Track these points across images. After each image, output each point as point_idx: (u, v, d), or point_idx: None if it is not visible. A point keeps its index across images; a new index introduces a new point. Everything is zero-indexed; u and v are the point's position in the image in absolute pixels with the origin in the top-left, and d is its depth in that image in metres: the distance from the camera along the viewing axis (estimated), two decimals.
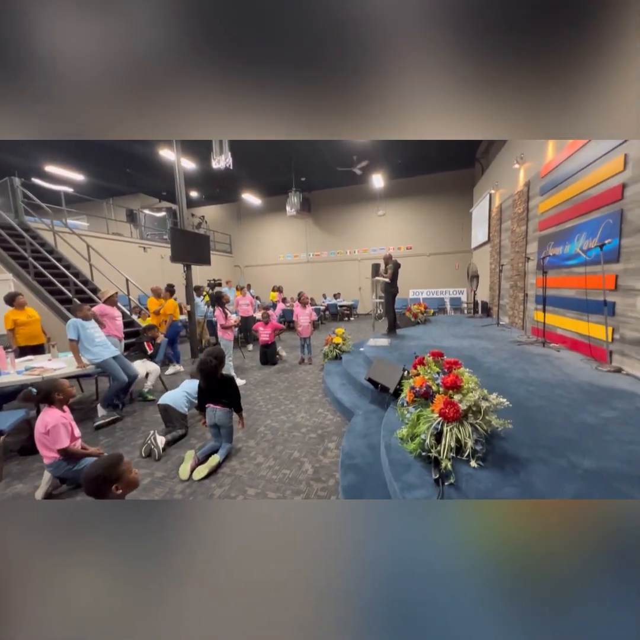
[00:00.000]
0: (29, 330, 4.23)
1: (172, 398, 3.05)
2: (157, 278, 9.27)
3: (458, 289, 11.63)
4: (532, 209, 5.27)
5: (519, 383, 2.89)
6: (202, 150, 8.33)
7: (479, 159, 10.08)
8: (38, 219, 6.96)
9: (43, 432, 2.12)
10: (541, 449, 1.82)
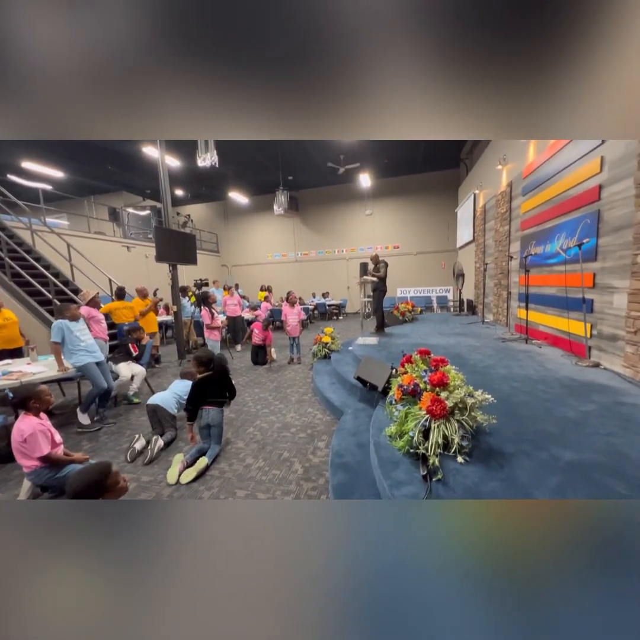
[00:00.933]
0: (6, 334, 4.07)
1: (162, 399, 2.99)
2: (141, 278, 9.06)
3: (444, 287, 11.82)
4: (515, 209, 5.40)
5: (504, 379, 2.97)
6: (187, 148, 8.19)
7: (463, 159, 10.26)
8: (15, 218, 6.69)
9: (20, 441, 2.04)
10: (524, 443, 1.87)
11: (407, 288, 12.15)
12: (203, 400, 2.65)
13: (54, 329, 3.12)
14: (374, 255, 5.75)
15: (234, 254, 14.58)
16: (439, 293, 11.86)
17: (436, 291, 11.90)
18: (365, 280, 5.53)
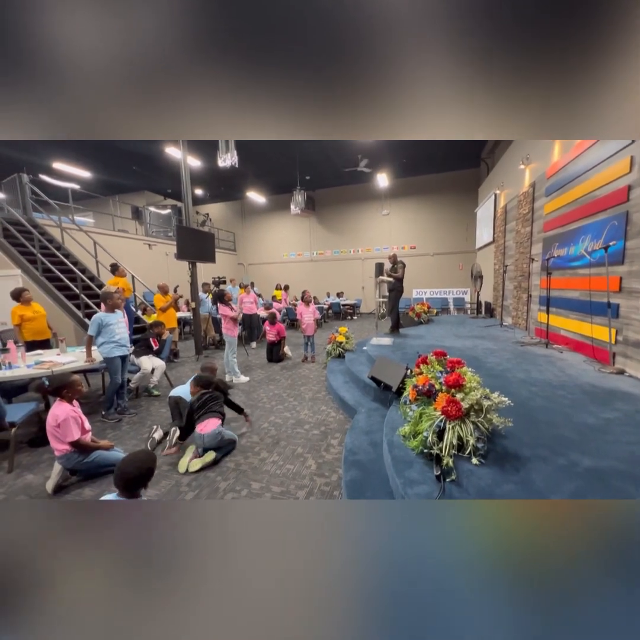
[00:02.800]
0: (35, 326, 4.28)
1: (183, 391, 3.10)
2: (162, 275, 9.34)
3: (461, 289, 11.61)
4: (538, 210, 5.26)
5: (522, 383, 2.91)
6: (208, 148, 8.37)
7: (484, 158, 10.04)
8: (46, 216, 7.04)
9: (54, 425, 2.18)
10: (541, 447, 1.85)
11: (423, 289, 12.00)
12: (197, 419, 2.66)
13: (92, 322, 3.27)
14: (392, 255, 5.73)
15: (250, 252, 14.79)
16: (456, 295, 11.65)
17: (453, 293, 11.70)
18: (382, 280, 5.52)
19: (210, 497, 2.15)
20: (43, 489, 2.25)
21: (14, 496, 2.21)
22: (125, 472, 1.39)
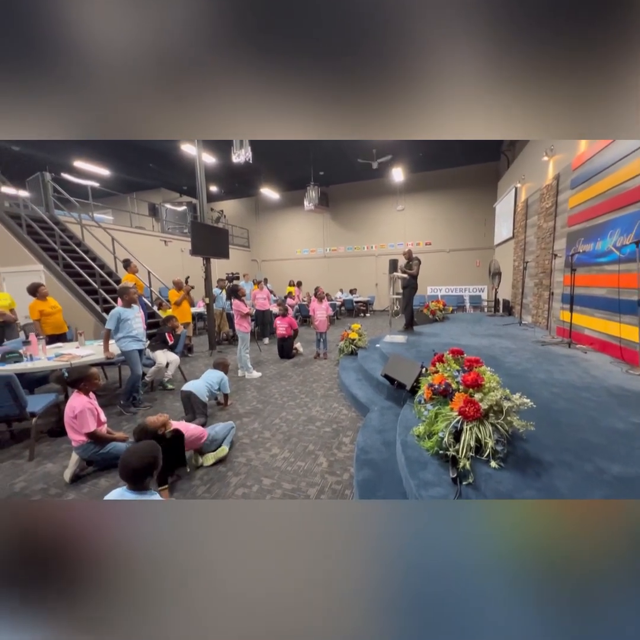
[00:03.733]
0: (53, 321, 4.40)
1: (195, 386, 3.12)
2: (177, 271, 9.49)
3: (478, 286, 11.31)
4: (562, 204, 5.03)
5: (543, 384, 2.79)
6: (223, 144, 8.41)
7: (504, 151, 9.70)
8: (67, 213, 7.25)
9: (72, 417, 2.22)
10: (565, 452, 1.75)
11: (438, 286, 11.76)
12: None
13: (110, 316, 3.33)
14: (407, 251, 5.61)
15: (263, 249, 14.85)
16: (472, 292, 11.37)
17: (469, 290, 11.42)
18: (396, 277, 5.42)
19: (221, 492, 2.15)
20: (61, 478, 2.31)
21: (34, 484, 2.27)
22: (128, 463, 1.38)
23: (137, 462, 1.39)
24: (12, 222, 6.13)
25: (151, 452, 1.47)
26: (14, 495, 2.16)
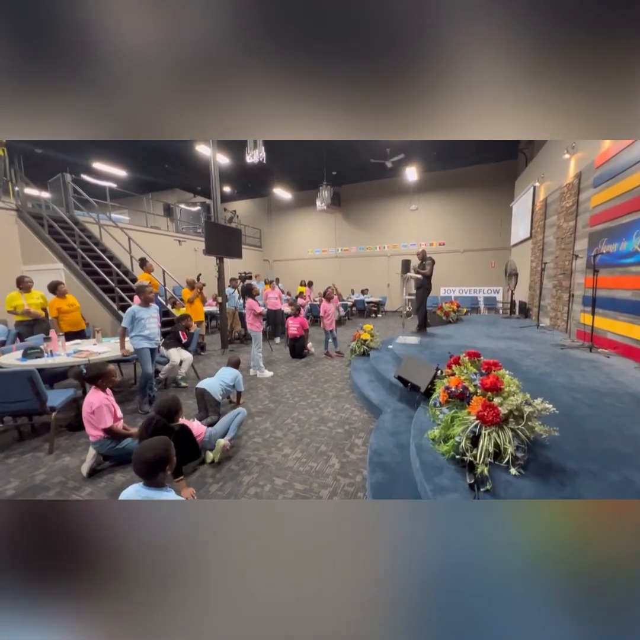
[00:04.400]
0: (71, 318, 4.51)
1: (209, 384, 3.15)
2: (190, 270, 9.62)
3: (493, 287, 11.07)
4: (583, 203, 4.86)
5: (563, 389, 2.70)
6: (237, 145, 8.47)
7: (522, 149, 9.46)
8: (86, 213, 7.44)
9: (89, 412, 2.27)
10: (590, 461, 1.68)
11: (452, 287, 11.56)
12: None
13: (126, 314, 3.39)
14: (420, 251, 5.53)
15: (275, 248, 14.91)
16: (487, 294, 11.13)
17: (484, 291, 11.19)
18: (409, 277, 5.35)
19: (234, 490, 2.16)
20: (79, 472, 2.36)
21: (53, 477, 2.33)
22: (141, 456, 1.39)
23: (150, 455, 1.39)
24: (34, 222, 6.34)
25: (164, 446, 1.47)
26: (34, 487, 2.22)
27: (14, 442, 2.87)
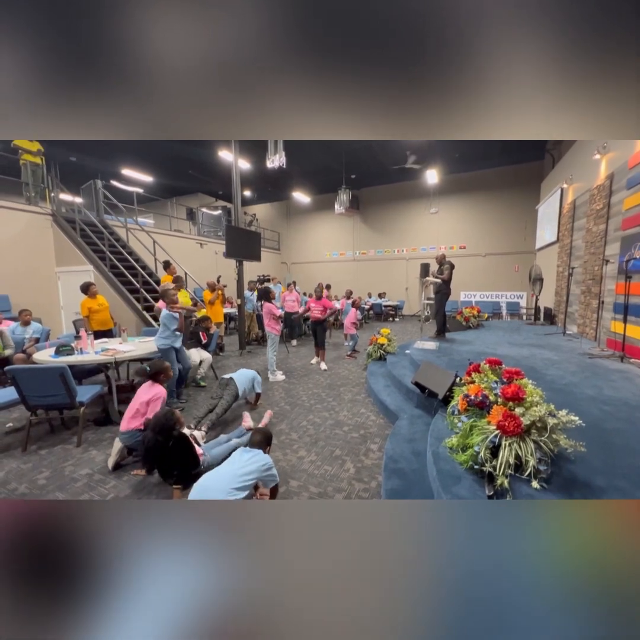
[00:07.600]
0: (101, 317, 4.74)
1: (238, 375, 3.31)
2: (211, 272, 9.87)
3: (516, 292, 10.71)
4: (615, 205, 4.64)
5: (591, 401, 2.57)
6: (257, 150, 8.65)
7: (549, 150, 9.13)
8: (114, 217, 7.79)
9: (145, 401, 2.46)
10: (619, 477, 1.60)
11: (472, 292, 11.27)
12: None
13: (167, 317, 3.49)
14: (439, 255, 5.44)
15: (294, 252, 15.06)
16: (510, 299, 10.78)
17: (506, 297, 10.84)
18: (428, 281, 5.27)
19: None
20: (104, 465, 2.47)
21: (81, 469, 2.45)
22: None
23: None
24: (68, 226, 6.71)
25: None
26: (63, 478, 2.34)
27: (46, 434, 3.03)
